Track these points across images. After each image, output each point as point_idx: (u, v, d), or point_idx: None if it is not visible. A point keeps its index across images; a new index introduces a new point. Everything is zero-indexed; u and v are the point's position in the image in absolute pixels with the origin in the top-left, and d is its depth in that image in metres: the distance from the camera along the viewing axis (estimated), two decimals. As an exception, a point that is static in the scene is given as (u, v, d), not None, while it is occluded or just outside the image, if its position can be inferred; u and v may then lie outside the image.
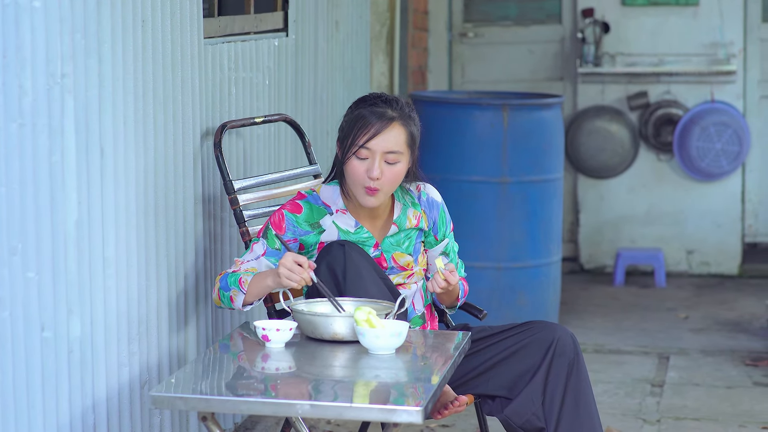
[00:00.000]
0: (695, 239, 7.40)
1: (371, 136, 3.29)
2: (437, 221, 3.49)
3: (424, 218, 3.47)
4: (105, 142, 3.16)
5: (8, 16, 2.75)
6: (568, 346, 3.31)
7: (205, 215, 3.80)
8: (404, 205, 3.45)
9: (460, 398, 3.31)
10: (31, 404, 2.89)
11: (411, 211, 3.46)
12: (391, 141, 3.30)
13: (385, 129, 3.30)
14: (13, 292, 2.80)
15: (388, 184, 3.32)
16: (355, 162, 3.31)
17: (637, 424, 4.64)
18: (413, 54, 7.23)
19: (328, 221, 3.38)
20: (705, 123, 7.19)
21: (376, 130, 3.29)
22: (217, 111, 3.90)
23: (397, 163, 3.32)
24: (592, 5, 7.35)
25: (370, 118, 3.30)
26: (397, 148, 3.31)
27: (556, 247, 5.92)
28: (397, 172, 3.32)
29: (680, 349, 5.75)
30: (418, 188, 3.48)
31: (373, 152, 3.29)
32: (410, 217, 3.45)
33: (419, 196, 3.48)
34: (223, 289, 3.33)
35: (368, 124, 3.30)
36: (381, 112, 3.31)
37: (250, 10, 4.33)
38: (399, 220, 3.44)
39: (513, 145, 5.69)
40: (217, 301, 3.37)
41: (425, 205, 3.48)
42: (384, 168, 3.30)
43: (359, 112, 3.33)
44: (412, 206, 3.46)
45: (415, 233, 3.47)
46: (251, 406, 2.74)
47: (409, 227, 3.45)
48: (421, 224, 3.46)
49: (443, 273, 3.28)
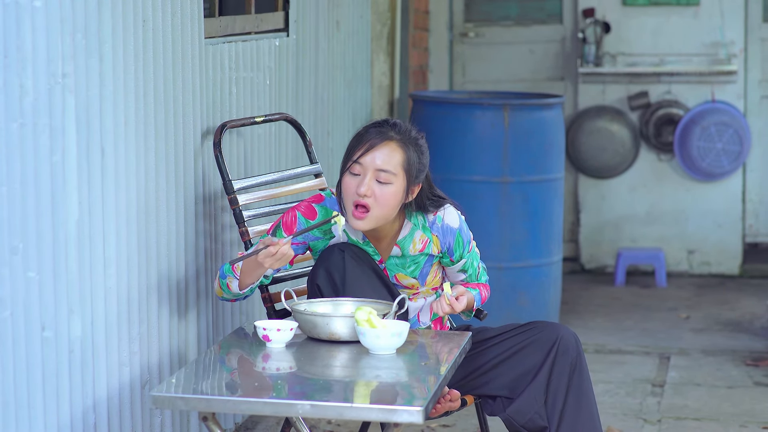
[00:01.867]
0: (696, 239, 7.40)
1: (364, 152, 3.25)
2: (452, 246, 3.41)
3: (436, 243, 3.39)
4: (106, 142, 3.16)
5: (9, 15, 2.75)
6: (570, 345, 3.32)
7: (205, 215, 3.80)
8: (414, 225, 3.38)
9: (452, 392, 3.32)
10: (32, 404, 2.89)
11: (418, 235, 3.38)
12: (384, 158, 3.24)
13: (379, 145, 3.25)
14: (13, 291, 2.81)
15: (378, 206, 3.25)
16: (348, 178, 3.27)
17: (637, 423, 4.64)
18: (414, 54, 7.22)
19: (340, 228, 3.31)
20: (706, 123, 7.19)
21: (370, 145, 3.25)
22: (217, 111, 3.90)
23: (388, 183, 3.24)
24: (593, 5, 7.35)
25: (369, 135, 3.28)
26: (389, 168, 3.24)
27: (557, 247, 5.92)
28: (388, 194, 3.25)
29: (681, 348, 5.75)
30: (435, 213, 3.40)
31: (365, 168, 3.25)
32: (416, 240, 3.38)
33: (433, 222, 3.39)
34: (221, 278, 3.35)
35: (365, 140, 3.27)
36: (381, 131, 3.28)
37: (251, 9, 4.33)
38: (403, 242, 3.37)
39: (514, 144, 5.69)
40: (218, 291, 3.38)
41: (438, 231, 3.39)
42: (374, 187, 3.24)
43: (362, 131, 3.31)
44: (422, 229, 3.38)
45: (424, 259, 3.41)
46: (252, 406, 2.74)
47: (413, 253, 3.38)
48: (427, 249, 3.39)
49: (449, 299, 3.29)
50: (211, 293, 3.86)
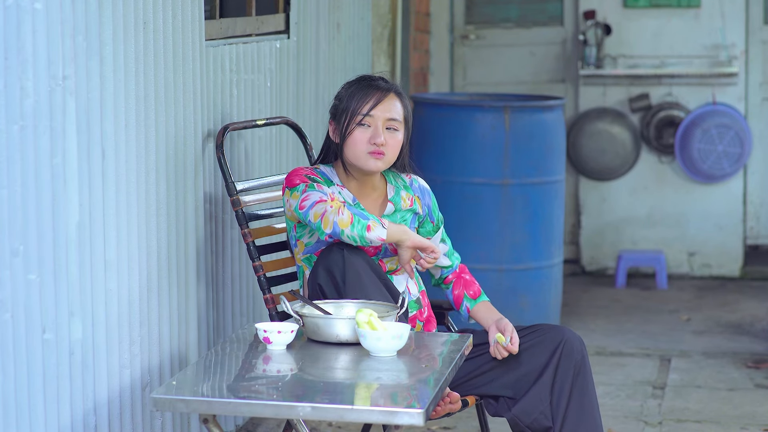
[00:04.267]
0: (697, 241, 7.40)
1: (373, 105, 3.42)
2: (431, 207, 3.60)
3: (418, 203, 3.57)
4: (106, 144, 3.16)
5: (10, 17, 2.75)
6: (575, 348, 3.34)
7: (206, 217, 3.80)
8: (397, 187, 3.55)
9: (452, 394, 3.33)
10: (33, 406, 2.89)
11: (404, 193, 3.55)
12: (391, 109, 3.44)
13: (385, 98, 3.45)
14: (14, 294, 2.80)
15: (392, 151, 3.44)
16: (357, 132, 3.42)
17: (638, 426, 4.64)
18: (415, 56, 7.23)
19: (335, 190, 3.46)
20: (707, 125, 7.19)
21: (377, 98, 3.43)
22: (218, 113, 3.90)
23: (396, 131, 3.45)
24: (594, 7, 7.35)
25: (369, 89, 3.45)
26: (397, 116, 3.45)
27: (558, 249, 5.92)
28: (399, 141, 3.46)
29: (682, 351, 5.75)
30: (409, 176, 3.60)
31: (375, 119, 3.43)
32: (404, 197, 3.54)
33: (411, 183, 3.59)
34: (359, 216, 3.27)
35: (368, 94, 3.44)
36: (378, 85, 3.47)
37: (252, 12, 4.34)
38: (394, 199, 3.52)
39: (514, 147, 5.69)
40: (345, 223, 3.25)
41: (418, 192, 3.59)
42: (386, 135, 3.43)
43: (354, 89, 3.47)
44: (405, 189, 3.56)
45: (410, 216, 3.54)
46: (253, 408, 2.74)
47: (404, 208, 3.53)
48: (414, 206, 3.55)
49: (505, 345, 3.35)
50: (212, 293, 3.86)
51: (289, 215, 3.44)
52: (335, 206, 3.27)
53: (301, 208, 3.34)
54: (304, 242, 3.46)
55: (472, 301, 3.56)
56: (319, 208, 3.29)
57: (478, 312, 3.53)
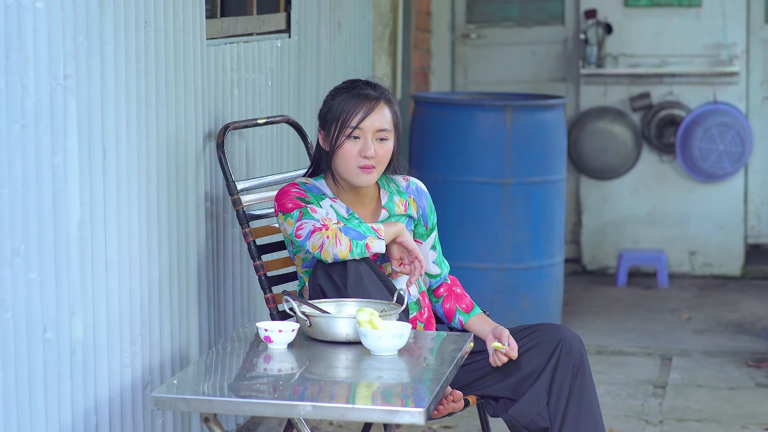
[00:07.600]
0: (698, 240, 7.40)
1: (363, 117, 3.39)
2: (426, 210, 3.57)
3: (413, 205, 3.54)
4: (107, 143, 3.16)
5: (11, 17, 2.75)
6: (574, 347, 3.33)
7: (207, 216, 3.80)
8: (390, 192, 3.53)
9: (455, 393, 3.32)
10: (34, 405, 2.89)
11: (397, 198, 3.53)
12: (380, 119, 3.41)
13: (374, 109, 3.40)
14: (15, 293, 2.80)
15: (382, 161, 3.42)
16: (347, 145, 3.39)
17: (639, 425, 4.64)
18: (416, 55, 7.22)
19: (327, 204, 3.43)
20: (708, 124, 7.19)
21: (366, 110, 3.40)
22: (219, 112, 3.90)
23: (386, 140, 3.42)
24: (595, 6, 7.35)
25: (356, 100, 3.41)
26: (386, 126, 3.42)
27: (559, 249, 5.92)
28: (388, 150, 3.43)
29: (683, 350, 5.75)
30: (405, 179, 3.58)
31: (364, 132, 3.39)
32: (397, 203, 3.52)
33: (407, 186, 3.57)
34: (356, 239, 3.26)
35: (356, 106, 3.40)
36: (365, 94, 3.42)
37: (253, 11, 4.34)
38: (387, 205, 3.50)
39: (515, 146, 5.69)
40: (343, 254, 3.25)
41: (414, 194, 3.56)
42: (376, 146, 3.40)
43: (342, 97, 3.42)
44: (398, 194, 3.53)
45: (405, 221, 3.51)
46: (254, 407, 2.73)
47: (398, 213, 3.51)
48: (409, 211, 3.53)
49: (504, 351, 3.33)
50: (213, 293, 3.86)
51: (285, 235, 3.44)
52: (331, 236, 3.25)
53: (298, 237, 3.34)
54: (302, 257, 3.46)
55: (465, 315, 3.53)
56: (316, 239, 3.27)
57: (472, 325, 3.51)
